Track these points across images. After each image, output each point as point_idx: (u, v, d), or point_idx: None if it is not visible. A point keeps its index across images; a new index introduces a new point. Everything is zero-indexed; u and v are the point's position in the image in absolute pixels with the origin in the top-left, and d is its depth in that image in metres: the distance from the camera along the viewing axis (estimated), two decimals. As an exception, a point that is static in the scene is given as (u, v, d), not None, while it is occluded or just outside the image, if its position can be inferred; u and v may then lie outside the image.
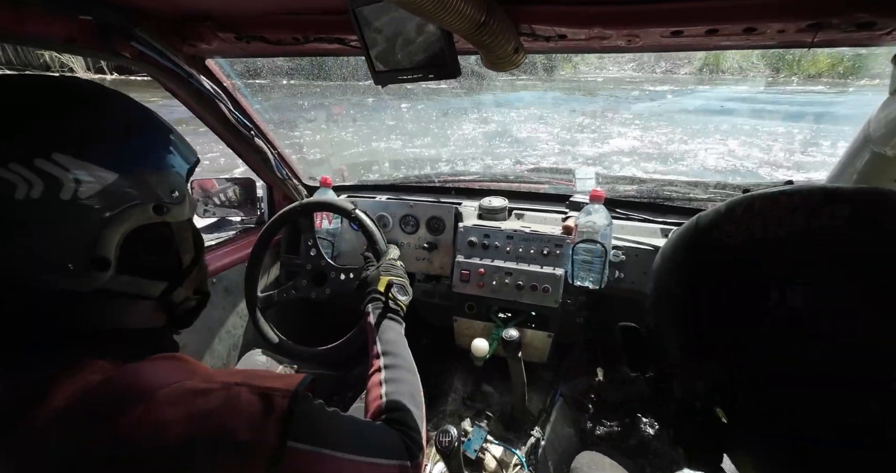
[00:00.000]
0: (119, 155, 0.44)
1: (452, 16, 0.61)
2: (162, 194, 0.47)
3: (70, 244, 0.42)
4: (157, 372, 0.43)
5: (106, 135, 0.44)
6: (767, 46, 0.77)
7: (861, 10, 0.59)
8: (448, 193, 1.63)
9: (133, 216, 0.45)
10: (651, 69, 5.10)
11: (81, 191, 0.41)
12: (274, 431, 0.41)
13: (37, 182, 0.39)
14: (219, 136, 1.30)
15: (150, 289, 0.49)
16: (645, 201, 1.46)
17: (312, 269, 1.22)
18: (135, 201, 0.45)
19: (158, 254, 0.50)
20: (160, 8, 0.89)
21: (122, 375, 0.42)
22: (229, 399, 0.41)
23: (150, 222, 0.47)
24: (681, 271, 0.38)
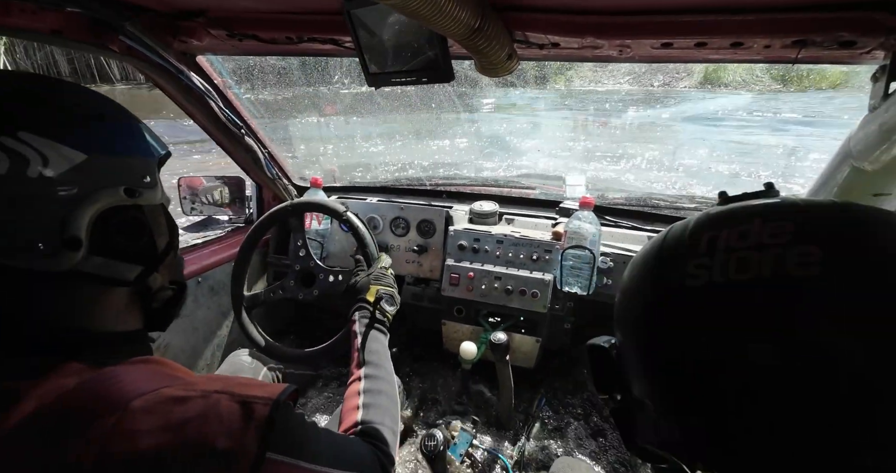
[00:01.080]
0: (88, 137, 0.45)
1: (447, 20, 0.61)
2: (133, 178, 0.48)
3: (39, 223, 0.42)
4: (135, 378, 0.42)
5: (74, 118, 0.45)
6: (754, 61, 0.78)
7: (843, 29, 0.61)
8: (439, 196, 1.64)
9: (103, 197, 0.45)
10: (648, 82, 5.10)
11: (49, 170, 0.41)
12: (254, 440, 0.40)
13: (2, 158, 0.39)
14: (208, 133, 1.29)
15: (125, 272, 0.49)
16: (633, 208, 1.48)
17: (301, 270, 1.20)
18: (104, 182, 0.45)
19: (132, 236, 0.50)
20: (152, 3, 0.87)
21: (97, 380, 0.40)
22: (208, 407, 0.40)
23: (122, 204, 0.47)
24: (644, 314, 0.35)
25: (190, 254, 1.40)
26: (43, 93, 0.45)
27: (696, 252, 0.31)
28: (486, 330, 1.35)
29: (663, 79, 4.37)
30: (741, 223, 0.31)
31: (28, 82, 0.46)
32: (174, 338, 1.33)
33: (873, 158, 0.66)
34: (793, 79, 7.43)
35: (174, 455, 0.37)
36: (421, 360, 1.58)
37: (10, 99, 0.42)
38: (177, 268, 0.58)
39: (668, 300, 0.33)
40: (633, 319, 0.36)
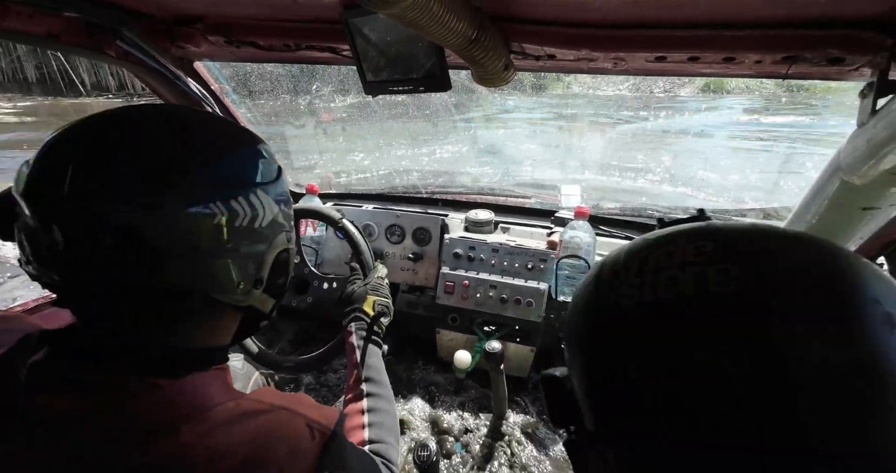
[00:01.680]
0: (278, 191, 0.52)
1: (445, 31, 0.62)
2: (289, 224, 0.56)
3: (248, 265, 0.49)
4: (214, 388, 0.46)
5: (273, 173, 0.51)
6: (745, 75, 0.80)
7: (832, 46, 0.63)
8: (435, 204, 1.64)
9: (281, 243, 0.53)
10: (648, 89, 5.07)
11: (265, 220, 0.49)
12: (310, 465, 0.43)
13: (247, 212, 0.46)
14: (204, 139, 1.28)
15: (269, 306, 0.56)
16: (628, 219, 1.49)
17: (295, 277, 1.19)
18: (280, 229, 0.53)
19: (283, 275, 0.57)
20: (150, 9, 0.88)
21: (179, 388, 0.43)
22: (277, 423, 0.44)
23: (284, 247, 0.54)
24: (583, 335, 0.35)
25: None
26: (255, 147, 0.51)
27: (629, 273, 0.33)
28: (480, 339, 1.34)
29: (663, 85, 4.41)
30: (669, 244, 0.32)
31: (241, 134, 0.51)
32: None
33: (862, 173, 0.67)
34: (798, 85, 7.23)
35: (245, 464, 0.40)
36: (415, 364, 1.56)
37: (241, 153, 0.49)
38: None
39: (602, 320, 0.34)
40: (576, 341, 0.36)
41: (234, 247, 0.46)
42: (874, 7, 0.57)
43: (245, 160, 0.49)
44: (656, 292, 0.30)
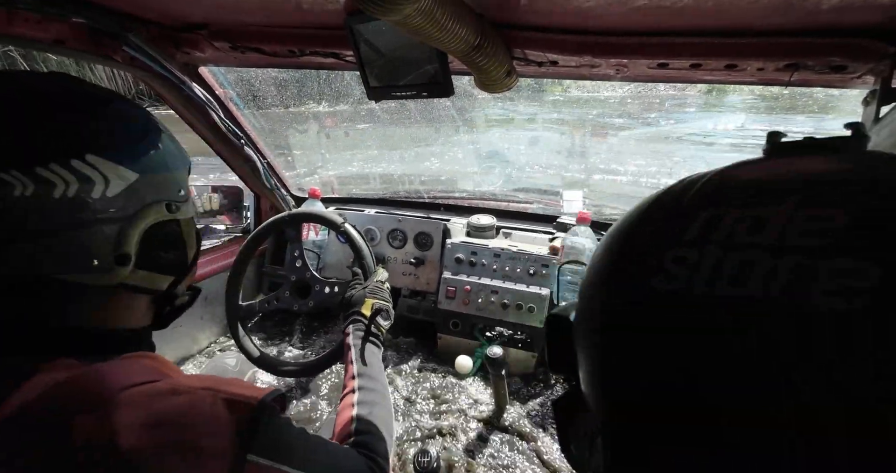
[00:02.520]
0: (139, 156, 0.46)
1: (447, 37, 0.62)
2: (172, 193, 0.50)
3: (97, 241, 0.44)
4: (126, 372, 0.42)
5: (130, 137, 0.46)
6: (748, 83, 0.80)
7: (834, 54, 0.63)
8: (437, 209, 1.64)
9: (151, 214, 0.47)
10: (649, 93, 4.99)
11: (109, 190, 0.43)
12: (235, 441, 0.40)
13: (72, 181, 0.41)
14: (208, 144, 1.29)
15: (161, 283, 0.52)
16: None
17: (297, 280, 1.19)
18: (151, 199, 0.47)
19: (171, 250, 0.52)
20: (156, 16, 0.89)
21: (88, 373, 0.41)
22: (192, 404, 0.40)
23: (164, 220, 0.49)
24: (595, 315, 0.26)
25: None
26: (102, 109, 0.45)
27: (682, 235, 0.21)
28: (481, 344, 1.34)
29: (664, 88, 4.38)
30: (764, 202, 0.19)
31: (87, 97, 0.45)
32: (167, 347, 1.31)
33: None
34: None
35: (153, 450, 0.37)
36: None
37: (73, 114, 0.43)
38: (195, 275, 0.61)
39: (622, 306, 0.23)
40: (586, 316, 0.27)
41: (67, 222, 0.41)
42: (877, 15, 0.57)
43: (65, 123, 0.42)
44: (719, 284, 0.18)
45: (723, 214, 0.20)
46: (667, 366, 0.20)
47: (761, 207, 0.19)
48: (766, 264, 0.18)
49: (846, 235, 0.17)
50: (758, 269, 0.18)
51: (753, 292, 0.18)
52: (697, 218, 0.21)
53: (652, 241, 0.23)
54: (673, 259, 0.21)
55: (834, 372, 0.16)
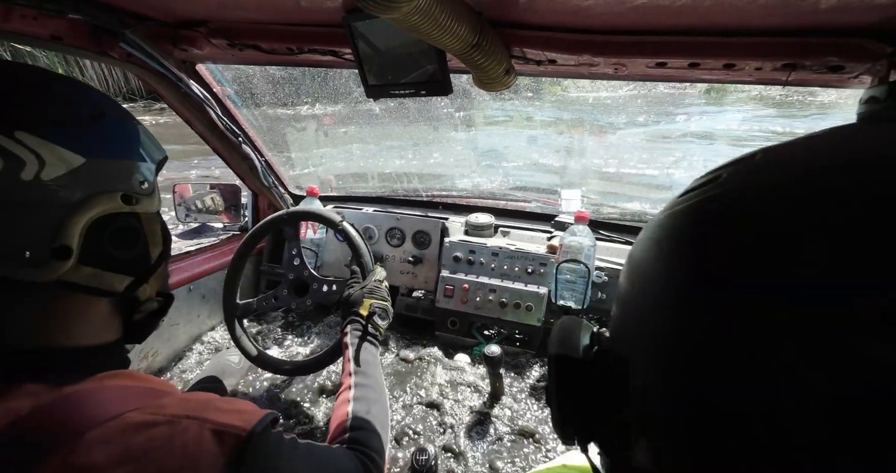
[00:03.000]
0: (88, 140, 0.42)
1: (446, 35, 0.62)
2: (131, 184, 0.45)
3: (29, 229, 0.39)
4: (98, 401, 0.38)
5: (75, 118, 0.42)
6: (745, 82, 0.80)
7: (832, 54, 0.63)
8: (435, 207, 1.64)
9: (99, 204, 0.42)
10: (649, 92, 4.96)
11: (45, 173, 0.38)
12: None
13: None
14: (206, 141, 1.28)
15: (114, 283, 0.46)
16: (628, 223, 1.49)
17: (295, 279, 1.19)
18: (101, 187, 0.42)
19: (125, 246, 0.47)
20: (154, 12, 0.88)
21: (54, 405, 0.37)
22: (174, 436, 0.37)
23: (118, 212, 0.44)
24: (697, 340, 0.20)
25: (182, 262, 1.38)
26: (43, 87, 0.42)
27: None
28: (479, 343, 1.34)
29: (663, 88, 4.37)
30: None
31: (27, 75, 0.43)
32: (163, 346, 1.30)
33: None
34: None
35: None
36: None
37: (8, 93, 0.40)
38: (166, 279, 0.56)
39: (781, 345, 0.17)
40: (670, 340, 0.21)
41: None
42: (874, 15, 0.57)
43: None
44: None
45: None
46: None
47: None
48: None
49: None
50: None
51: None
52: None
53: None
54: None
55: None
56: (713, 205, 0.22)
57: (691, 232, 0.22)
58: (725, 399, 0.18)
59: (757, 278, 0.18)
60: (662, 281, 0.22)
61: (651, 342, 0.22)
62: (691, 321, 0.20)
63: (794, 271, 0.17)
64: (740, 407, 0.18)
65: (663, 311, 0.22)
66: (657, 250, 0.23)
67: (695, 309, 0.20)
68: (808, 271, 0.17)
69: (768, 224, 0.19)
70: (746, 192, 0.21)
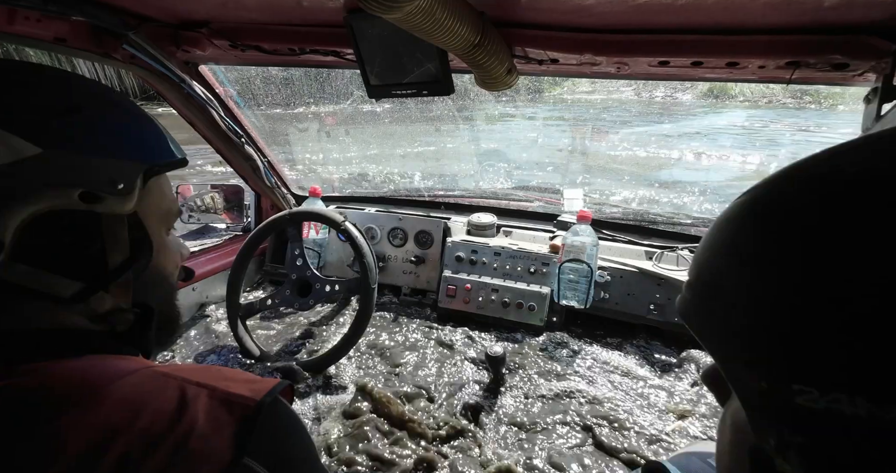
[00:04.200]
0: (50, 130, 0.39)
1: (448, 35, 0.62)
2: (98, 182, 0.41)
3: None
4: (108, 366, 0.38)
5: (39, 107, 0.40)
6: (749, 80, 0.80)
7: (836, 51, 0.63)
8: (437, 207, 1.64)
9: (47, 199, 0.39)
10: (649, 93, 4.94)
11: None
12: (229, 444, 0.36)
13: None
14: (208, 142, 1.29)
15: (55, 286, 0.42)
16: (631, 223, 1.48)
17: (297, 279, 1.20)
18: (55, 181, 0.39)
19: (74, 247, 0.43)
20: (157, 13, 0.88)
21: (57, 374, 0.36)
22: (184, 403, 0.36)
23: (71, 209, 0.41)
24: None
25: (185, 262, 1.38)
26: (12, 75, 0.40)
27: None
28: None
29: (664, 90, 4.34)
30: None
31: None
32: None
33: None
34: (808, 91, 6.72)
35: (142, 451, 0.33)
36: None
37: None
38: (146, 290, 0.50)
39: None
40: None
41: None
42: (878, 12, 0.57)
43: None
44: None
45: None
46: None
47: None
48: None
49: None
50: None
51: None
52: None
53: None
54: None
55: None
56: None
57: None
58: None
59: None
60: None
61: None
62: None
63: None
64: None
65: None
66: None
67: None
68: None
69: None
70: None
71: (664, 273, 1.23)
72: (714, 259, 0.25)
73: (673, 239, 1.38)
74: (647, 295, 1.24)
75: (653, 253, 1.31)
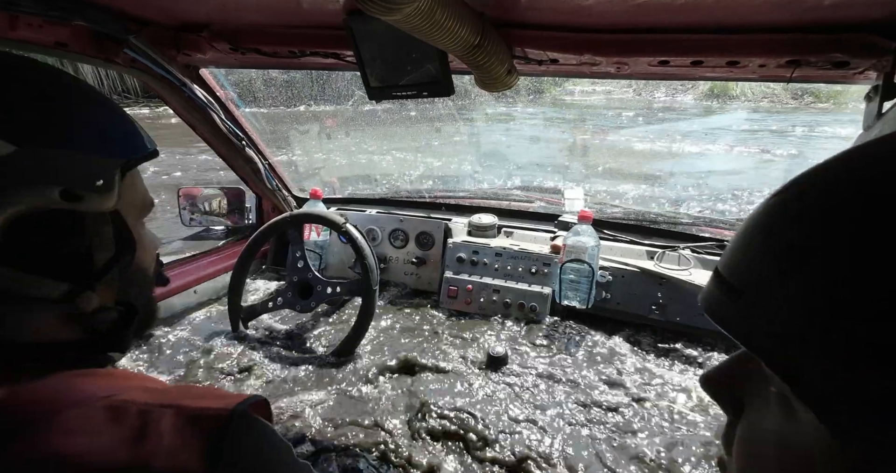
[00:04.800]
0: (24, 125, 0.38)
1: (447, 36, 0.62)
2: (78, 179, 0.40)
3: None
4: (64, 391, 0.36)
5: (13, 100, 0.38)
6: (749, 79, 0.80)
7: (836, 50, 0.63)
8: (438, 208, 1.64)
9: (27, 198, 0.37)
10: (650, 94, 4.89)
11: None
12: (199, 457, 0.34)
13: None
14: (209, 145, 1.29)
15: (42, 288, 0.40)
16: (632, 223, 1.48)
17: (299, 281, 1.20)
18: (34, 180, 0.38)
19: (58, 247, 0.41)
20: (157, 17, 0.89)
21: (10, 398, 0.34)
22: (148, 425, 0.34)
23: (53, 208, 0.39)
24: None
25: (187, 265, 1.39)
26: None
27: None
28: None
29: (665, 91, 4.33)
30: None
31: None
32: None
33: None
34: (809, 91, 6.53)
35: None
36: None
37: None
38: (129, 288, 0.49)
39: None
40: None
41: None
42: (879, 11, 0.57)
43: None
44: None
45: None
46: None
47: None
48: None
49: None
50: None
51: None
52: None
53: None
54: None
55: None
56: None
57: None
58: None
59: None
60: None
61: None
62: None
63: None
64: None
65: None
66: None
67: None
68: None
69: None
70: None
71: (666, 273, 1.23)
72: (759, 252, 0.24)
73: (674, 239, 1.38)
74: (648, 295, 1.24)
75: (654, 253, 1.31)
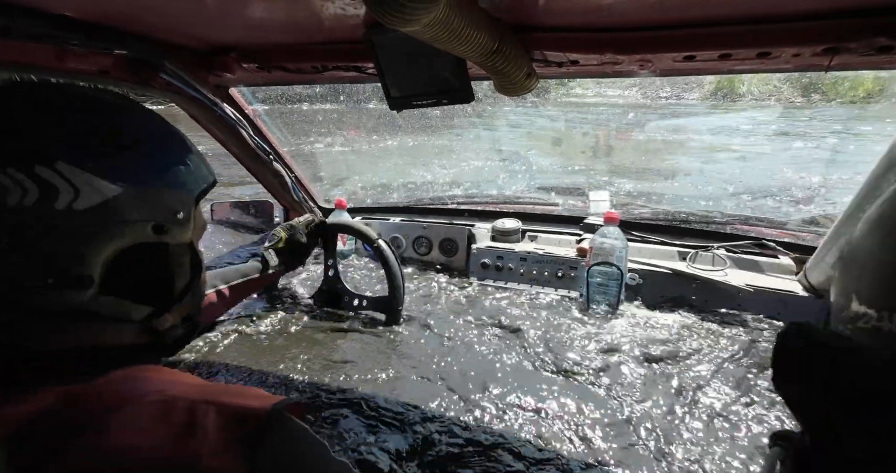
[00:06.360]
0: (125, 169, 0.41)
1: (466, 45, 0.62)
2: (165, 214, 0.44)
3: (55, 257, 0.38)
4: (127, 386, 0.39)
5: (116, 147, 0.42)
6: (782, 70, 0.76)
7: (880, 34, 0.59)
8: (461, 215, 1.64)
9: (129, 234, 0.41)
10: (655, 94, 4.76)
11: (78, 203, 0.38)
12: (237, 458, 0.35)
13: (32, 189, 0.36)
14: (239, 160, 1.34)
15: (132, 313, 0.45)
16: (661, 223, 1.43)
17: (328, 290, 1.22)
18: (134, 218, 0.41)
19: (149, 276, 0.46)
20: (189, 42, 0.94)
21: (78, 397, 0.37)
22: (193, 421, 0.36)
23: (146, 242, 0.43)
24: None
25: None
26: (87, 115, 0.42)
27: None
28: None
29: (671, 91, 4.20)
30: None
31: (70, 100, 0.43)
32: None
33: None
34: (818, 88, 6.48)
35: (158, 463, 0.34)
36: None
37: (52, 122, 0.40)
38: (194, 306, 0.54)
39: None
40: None
41: (17, 233, 0.37)
42: (925, -10, 0.53)
43: (35, 125, 0.39)
44: None
45: None
46: None
47: None
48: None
49: None
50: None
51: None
52: None
53: None
54: None
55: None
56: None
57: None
58: None
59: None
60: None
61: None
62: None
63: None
64: None
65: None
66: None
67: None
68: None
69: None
70: None
71: (700, 274, 1.18)
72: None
73: (707, 238, 1.32)
74: (681, 297, 1.19)
75: (686, 253, 1.26)
